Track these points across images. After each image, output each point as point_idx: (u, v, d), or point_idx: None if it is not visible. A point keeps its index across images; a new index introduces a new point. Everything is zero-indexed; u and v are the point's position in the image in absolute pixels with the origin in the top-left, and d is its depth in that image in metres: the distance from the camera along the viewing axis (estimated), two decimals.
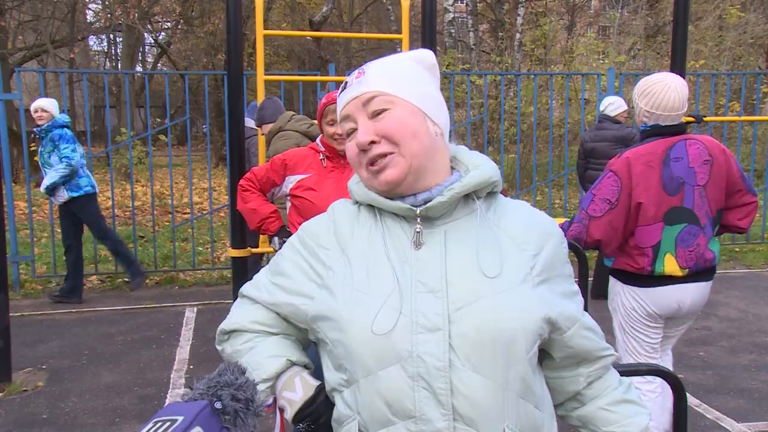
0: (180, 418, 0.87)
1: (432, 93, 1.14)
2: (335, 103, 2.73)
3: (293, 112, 4.20)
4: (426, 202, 1.09)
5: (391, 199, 1.11)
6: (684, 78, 3.35)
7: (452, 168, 1.15)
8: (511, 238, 1.10)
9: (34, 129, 5.61)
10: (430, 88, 1.14)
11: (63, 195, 5.54)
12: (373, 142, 1.07)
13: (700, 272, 2.61)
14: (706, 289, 2.67)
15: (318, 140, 2.87)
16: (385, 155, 1.07)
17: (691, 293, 2.62)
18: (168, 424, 0.86)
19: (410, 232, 1.09)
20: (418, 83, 1.12)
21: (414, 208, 1.08)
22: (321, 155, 2.83)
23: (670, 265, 2.55)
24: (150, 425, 0.87)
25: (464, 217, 1.11)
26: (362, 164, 1.10)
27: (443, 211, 1.09)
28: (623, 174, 2.52)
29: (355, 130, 1.11)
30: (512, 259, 1.08)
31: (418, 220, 1.09)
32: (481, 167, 1.12)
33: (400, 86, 1.09)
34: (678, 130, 2.57)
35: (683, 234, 2.53)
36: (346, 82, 1.13)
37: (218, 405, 0.91)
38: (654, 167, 2.51)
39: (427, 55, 1.17)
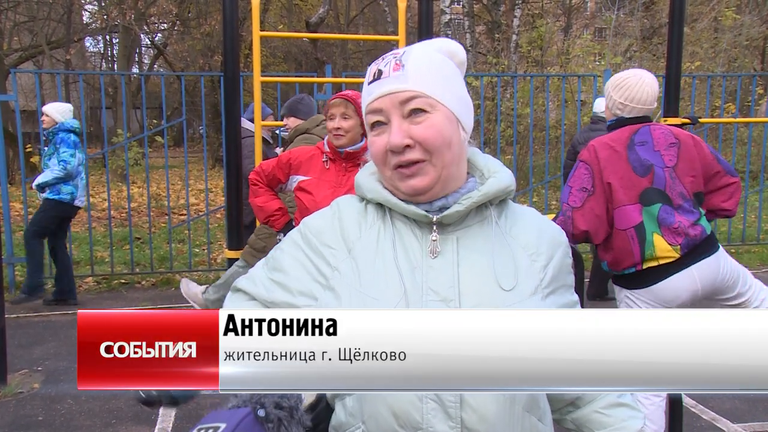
0: (222, 425, 0.86)
1: (464, 96, 1.08)
2: (337, 98, 2.77)
3: (324, 117, 4.22)
4: (441, 209, 1.05)
5: (405, 201, 1.06)
6: (680, 79, 3.38)
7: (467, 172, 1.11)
8: (524, 248, 1.07)
9: (44, 131, 5.68)
10: (463, 90, 1.08)
11: (45, 193, 5.52)
12: (407, 146, 1.01)
13: (696, 249, 2.52)
14: (714, 263, 2.54)
15: (325, 140, 2.89)
16: (416, 162, 1.02)
17: (699, 275, 2.52)
18: (211, 431, 0.86)
19: (422, 238, 1.05)
20: (454, 85, 1.06)
21: (430, 215, 1.04)
22: (324, 156, 2.85)
23: (659, 243, 2.50)
24: None
25: (477, 224, 1.07)
26: (388, 164, 1.04)
27: (457, 218, 1.06)
28: (591, 160, 2.61)
29: (382, 123, 1.03)
30: (525, 270, 1.05)
31: (434, 228, 1.05)
32: (498, 174, 1.09)
33: (441, 89, 1.03)
34: (643, 119, 2.65)
35: (662, 213, 2.53)
36: (380, 71, 1.04)
37: (261, 413, 0.88)
38: (618, 150, 2.59)
39: (458, 50, 1.09)
